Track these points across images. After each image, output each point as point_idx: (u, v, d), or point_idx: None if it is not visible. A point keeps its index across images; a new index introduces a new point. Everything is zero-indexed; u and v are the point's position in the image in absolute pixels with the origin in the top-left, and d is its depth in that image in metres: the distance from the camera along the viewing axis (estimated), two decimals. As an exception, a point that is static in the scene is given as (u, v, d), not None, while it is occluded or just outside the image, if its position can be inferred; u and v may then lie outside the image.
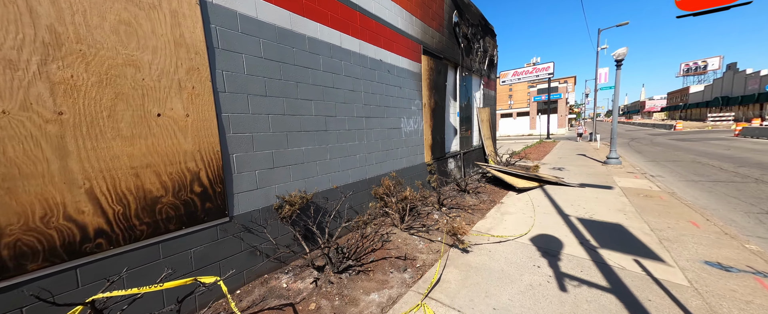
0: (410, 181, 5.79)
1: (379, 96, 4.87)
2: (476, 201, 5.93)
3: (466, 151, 8.70)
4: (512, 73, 25.26)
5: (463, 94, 8.40)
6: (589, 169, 9.53)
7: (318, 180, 3.70)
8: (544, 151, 16.35)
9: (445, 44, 7.12)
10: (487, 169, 7.52)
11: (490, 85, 10.90)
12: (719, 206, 5.31)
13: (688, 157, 11.36)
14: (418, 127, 6.04)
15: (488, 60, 10.12)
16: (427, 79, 6.27)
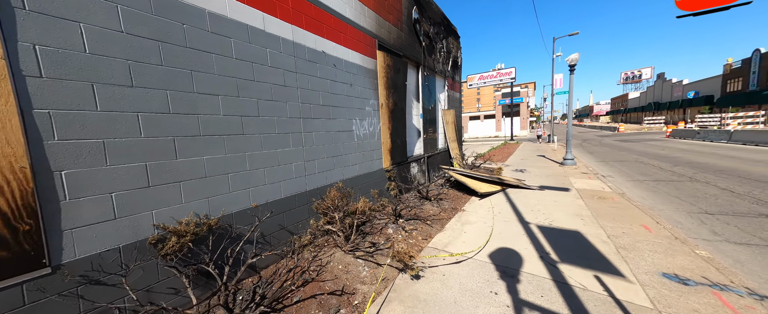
0: (365, 190, 5.10)
1: (323, 94, 4.13)
2: (437, 210, 5.41)
3: (431, 154, 8.25)
4: (478, 77, 25.92)
5: (426, 95, 7.95)
6: (548, 171, 9.62)
7: (231, 198, 2.86)
8: (508, 152, 16.69)
9: (405, 41, 6.58)
10: (450, 174, 7.10)
11: (455, 87, 10.66)
12: (664, 206, 5.34)
13: (631, 156, 12.11)
14: (374, 130, 5.39)
15: (452, 61, 9.85)
16: (384, 78, 5.66)
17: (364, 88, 5.08)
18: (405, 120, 6.58)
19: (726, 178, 7.04)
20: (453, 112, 10.13)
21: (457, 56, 10.50)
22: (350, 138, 4.73)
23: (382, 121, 5.63)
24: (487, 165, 10.97)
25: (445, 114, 9.44)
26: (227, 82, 2.81)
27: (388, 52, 5.83)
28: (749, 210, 4.73)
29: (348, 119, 4.67)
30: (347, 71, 4.62)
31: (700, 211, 4.89)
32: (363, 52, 5.01)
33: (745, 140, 14.01)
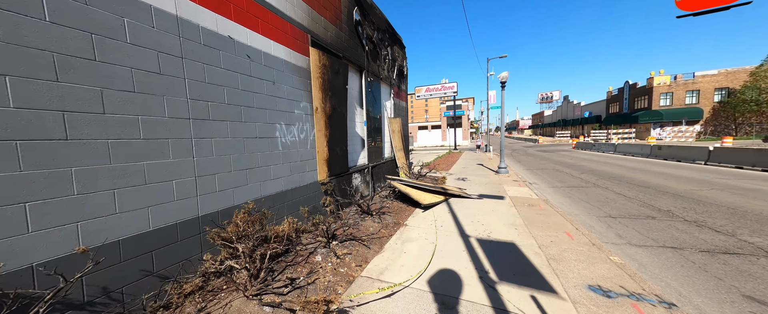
0: (293, 208, 4.25)
1: (232, 90, 3.23)
2: (378, 226, 4.86)
3: (376, 163, 7.77)
4: (425, 89, 27.17)
5: (371, 101, 7.50)
6: (486, 179, 10.11)
7: (44, 238, 1.77)
8: (452, 161, 17.48)
9: (346, 42, 6.04)
10: (395, 185, 6.70)
11: (401, 96, 10.56)
12: (579, 211, 5.83)
13: (549, 165, 13.80)
14: (306, 137, 4.62)
15: (397, 69, 9.72)
16: (319, 78, 4.96)
17: (293, 88, 4.31)
18: (346, 127, 5.97)
19: (618, 184, 8.29)
20: (399, 120, 9.95)
21: (403, 65, 10.46)
22: (272, 146, 3.87)
23: (317, 127, 4.89)
24: (432, 175, 11.06)
25: (391, 122, 9.16)
26: (36, 59, 1.77)
27: (325, 51, 5.19)
28: (639, 213, 5.42)
29: (269, 123, 3.82)
30: (268, 66, 3.80)
31: (606, 215, 5.42)
32: (291, 46, 4.25)
33: (625, 151, 17.47)
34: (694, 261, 3.39)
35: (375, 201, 6.43)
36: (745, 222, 4.48)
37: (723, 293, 2.77)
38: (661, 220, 4.88)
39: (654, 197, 6.36)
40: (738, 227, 4.25)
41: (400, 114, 10.40)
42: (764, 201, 5.45)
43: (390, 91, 9.37)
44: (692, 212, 5.14)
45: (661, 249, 3.79)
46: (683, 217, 4.92)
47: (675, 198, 6.18)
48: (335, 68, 5.47)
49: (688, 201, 5.88)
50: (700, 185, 7.18)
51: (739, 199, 5.71)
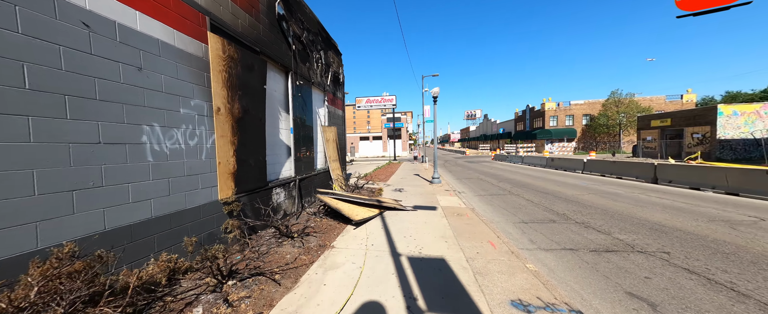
0: (172, 240, 3.10)
1: (43, 70, 2.08)
2: (298, 252, 4.04)
3: (306, 176, 6.89)
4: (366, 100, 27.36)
5: (299, 107, 6.68)
6: (421, 189, 10.28)
7: None
8: (391, 171, 17.62)
9: (266, 36, 5.18)
10: (325, 200, 5.96)
11: (337, 104, 10.00)
12: (499, 218, 6.24)
13: (475, 175, 15.23)
14: (199, 144, 3.55)
15: (332, 76, 9.17)
16: (223, 72, 3.98)
17: (177, 79, 3.26)
18: (264, 133, 5.01)
19: (527, 191, 9.48)
20: (335, 129, 9.32)
21: (339, 72, 9.98)
22: (136, 155, 2.74)
23: (219, 132, 3.86)
24: (370, 186, 10.68)
25: (325, 131, 8.44)
26: None
27: (235, 42, 4.25)
28: (544, 217, 6.09)
29: (131, 124, 2.70)
30: (130, 44, 2.72)
31: (520, 221, 5.89)
32: (176, 25, 3.24)
33: (530, 162, 20.87)
34: (588, 261, 3.76)
35: (300, 221, 5.56)
36: (615, 221, 5.45)
37: (611, 292, 3.03)
38: (560, 223, 5.53)
39: (552, 202, 7.37)
40: (611, 226, 5.10)
41: (336, 122, 9.79)
42: (623, 203, 6.88)
43: (324, 97, 8.71)
44: (580, 215, 6.04)
45: (563, 251, 4.14)
46: (575, 220, 5.70)
47: (567, 202, 7.28)
48: (248, 63, 4.56)
49: (575, 204, 6.97)
50: (582, 191, 8.78)
51: (608, 202, 7.08)
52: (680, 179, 8.45)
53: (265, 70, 5.08)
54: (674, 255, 3.74)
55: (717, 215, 5.36)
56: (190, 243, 3.19)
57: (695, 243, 4.09)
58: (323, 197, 6.11)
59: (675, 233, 4.59)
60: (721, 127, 17.11)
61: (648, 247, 4.08)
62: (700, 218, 5.25)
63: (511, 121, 51.79)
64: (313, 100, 7.70)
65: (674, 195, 7.28)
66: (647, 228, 4.91)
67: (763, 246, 3.82)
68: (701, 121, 18.34)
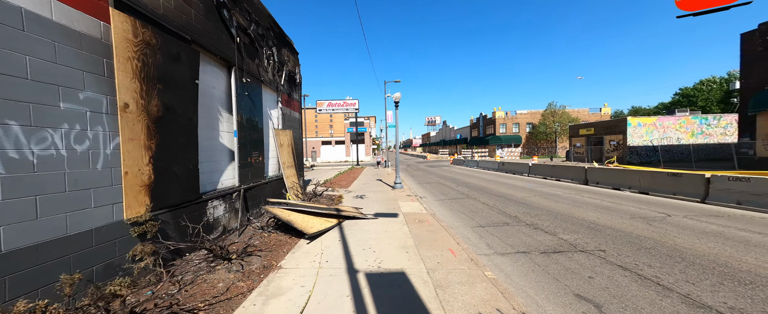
0: (33, 282, 2.26)
1: None
2: (235, 277, 3.40)
3: (254, 185, 6.10)
4: (327, 103, 26.50)
5: (246, 107, 5.91)
6: (383, 195, 10.06)
7: None
8: (353, 177, 17.14)
9: (200, 24, 4.43)
10: (274, 212, 5.28)
11: (293, 106, 9.28)
12: (458, 223, 6.30)
13: (435, 179, 15.65)
14: (90, 149, 2.73)
15: (288, 75, 8.47)
16: (135, 60, 3.20)
17: (56, 64, 2.45)
18: (195, 136, 4.22)
19: (483, 194, 9.93)
20: (290, 133, 8.59)
21: (295, 72, 9.30)
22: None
23: (126, 134, 3.05)
24: (330, 193, 10.10)
25: (278, 134, 7.69)
26: None
27: (152, 24, 3.48)
28: (498, 220, 6.32)
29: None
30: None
31: (478, 225, 6.01)
32: (55, -8, 2.44)
33: (484, 166, 22.37)
34: (539, 263, 3.88)
35: (242, 238, 4.82)
36: (558, 222, 5.89)
37: (562, 295, 3.10)
38: (513, 226, 5.77)
39: (505, 205, 7.78)
40: (556, 227, 5.48)
41: (292, 125, 9.06)
42: (563, 204, 7.57)
43: (277, 98, 7.97)
44: (529, 217, 6.42)
45: (517, 254, 4.24)
46: (525, 222, 6.02)
47: (517, 204, 7.75)
48: (173, 52, 3.79)
49: (524, 207, 7.45)
50: (529, 193, 9.52)
51: (551, 203, 7.73)
52: (605, 181, 9.72)
53: (197, 62, 4.32)
54: (609, 253, 4.06)
55: (635, 212, 6.16)
56: (69, 281, 2.37)
57: (623, 239, 4.55)
58: (272, 209, 5.43)
59: (607, 231, 5.07)
60: (630, 136, 20.59)
61: (587, 246, 4.40)
62: (624, 216, 5.96)
63: (467, 128, 55.39)
64: (264, 101, 6.95)
65: (602, 195, 8.29)
66: (585, 228, 5.36)
67: (673, 240, 4.41)
68: (616, 130, 21.84)
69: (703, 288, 2.99)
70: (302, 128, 10.38)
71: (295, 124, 9.47)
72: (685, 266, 3.51)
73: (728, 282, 3.07)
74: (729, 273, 3.26)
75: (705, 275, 3.24)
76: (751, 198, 5.81)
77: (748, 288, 2.93)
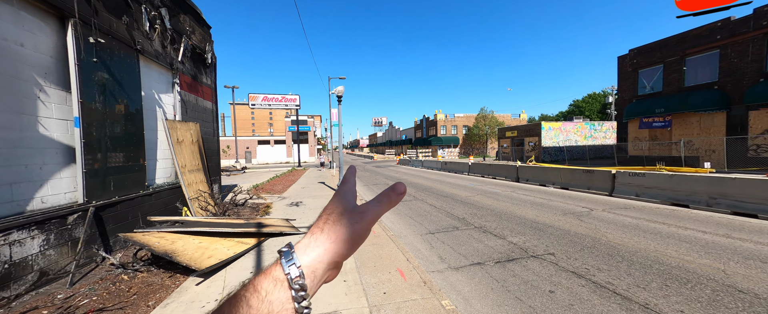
0: None
1: None
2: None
3: (120, 199, 4.13)
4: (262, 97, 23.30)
5: (100, 83, 3.93)
6: (324, 200, 8.79)
7: None
8: (292, 180, 15.18)
9: None
10: (144, 242, 3.53)
11: (202, 93, 7.20)
12: (406, 230, 5.62)
13: (382, 180, 15.05)
14: None
15: (191, 52, 6.43)
16: None
17: None
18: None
19: (430, 195, 9.63)
20: (196, 127, 6.56)
21: (205, 50, 7.23)
22: None
23: None
24: (256, 201, 8.28)
25: (174, 127, 5.67)
26: None
27: None
28: (448, 224, 5.86)
29: None
30: None
31: (427, 232, 5.41)
32: None
33: (429, 166, 23.01)
34: (496, 278, 3.39)
35: (75, 288, 3.00)
36: (503, 222, 5.75)
37: (528, 318, 2.55)
38: (463, 230, 5.35)
39: (452, 206, 7.51)
40: (503, 228, 5.28)
41: (200, 117, 6.99)
42: (503, 202, 7.71)
43: (172, 79, 5.92)
44: (476, 218, 6.17)
45: (472, 267, 3.70)
46: (474, 224, 5.69)
47: (463, 205, 7.56)
48: None
49: (470, 207, 7.30)
50: (472, 192, 9.64)
51: (493, 202, 7.81)
52: (533, 178, 10.59)
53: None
54: (558, 256, 3.85)
55: (565, 208, 6.53)
56: None
57: (565, 239, 4.50)
58: (144, 235, 3.67)
59: (548, 230, 5.04)
60: (543, 138, 24.10)
61: (537, 250, 4.15)
62: (557, 212, 6.20)
63: (411, 129, 57.51)
64: (145, 79, 4.93)
65: (533, 192, 8.86)
66: (529, 228, 5.26)
67: (605, 236, 4.55)
68: (533, 133, 25.30)
69: (655, 293, 2.84)
70: (216, 121, 8.27)
71: (206, 116, 7.39)
72: (627, 266, 3.44)
73: (671, 282, 3.01)
74: (665, 271, 3.27)
75: (649, 276, 3.17)
76: (645, 190, 6.76)
77: (689, 288, 2.88)
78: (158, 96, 5.48)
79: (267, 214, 6.71)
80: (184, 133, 6.11)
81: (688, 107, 14.07)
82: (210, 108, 7.64)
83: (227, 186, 12.55)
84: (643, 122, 16.19)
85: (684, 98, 14.36)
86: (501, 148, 30.00)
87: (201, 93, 7.09)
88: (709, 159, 13.39)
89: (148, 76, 5.12)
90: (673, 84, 15.24)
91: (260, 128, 68.08)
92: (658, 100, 15.55)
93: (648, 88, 16.60)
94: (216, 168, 7.91)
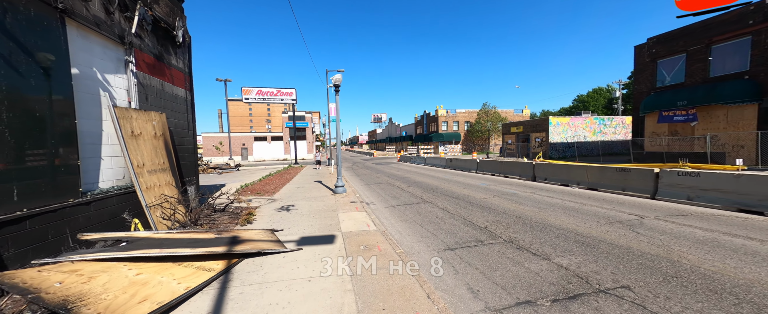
0: None
1: None
2: None
3: (25, 214, 2.96)
4: (256, 91, 22.00)
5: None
6: (320, 203, 7.66)
7: None
8: (286, 179, 14.02)
9: None
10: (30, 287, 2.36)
11: (171, 77, 5.99)
12: (419, 244, 4.51)
13: (384, 178, 13.90)
14: None
15: (152, 25, 5.20)
16: None
17: None
18: None
19: (439, 197, 8.47)
20: (161, 117, 5.37)
21: (174, 25, 5.99)
22: None
23: None
24: (241, 205, 7.12)
25: (125, 117, 4.49)
26: None
27: None
28: (469, 237, 4.71)
29: None
30: None
31: (445, 247, 4.29)
32: None
33: (432, 163, 21.88)
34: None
35: None
36: (537, 234, 4.63)
37: None
38: (489, 245, 4.24)
39: (468, 211, 6.38)
40: (541, 243, 4.17)
41: (169, 107, 5.80)
42: (528, 207, 6.54)
43: (125, 56, 4.71)
44: (502, 227, 5.04)
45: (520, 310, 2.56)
46: (501, 236, 4.58)
47: (480, 209, 6.42)
48: None
49: (489, 212, 6.17)
50: (486, 193, 8.52)
51: (515, 206, 6.66)
52: (553, 177, 9.48)
53: None
54: (638, 292, 2.75)
55: (607, 215, 5.41)
56: None
57: (631, 261, 3.40)
58: (40, 273, 2.52)
59: (601, 246, 3.93)
60: (551, 134, 22.98)
61: (601, 279, 3.04)
62: (599, 220, 5.09)
63: (412, 125, 56.29)
64: (77, 52, 3.72)
65: (557, 193, 7.75)
66: (574, 242, 4.16)
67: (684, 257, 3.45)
68: (540, 128, 24.16)
69: None
70: (192, 112, 7.06)
71: (178, 105, 6.19)
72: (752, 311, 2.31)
73: None
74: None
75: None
76: (700, 193, 5.65)
77: None
78: (102, 76, 4.27)
79: (249, 223, 5.57)
80: (142, 124, 4.92)
81: (714, 99, 12.91)
82: (183, 96, 6.43)
83: (212, 187, 11.38)
84: (663, 116, 15.04)
85: (710, 89, 13.19)
86: (505, 144, 28.87)
87: (169, 77, 5.87)
88: (738, 155, 12.31)
89: (84, 50, 3.91)
90: (697, 74, 14.06)
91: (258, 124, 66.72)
92: (680, 91, 14.38)
93: (668, 79, 15.43)
94: (191, 167, 6.74)
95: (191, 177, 6.63)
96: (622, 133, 24.03)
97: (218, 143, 30.30)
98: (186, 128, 6.53)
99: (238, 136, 33.93)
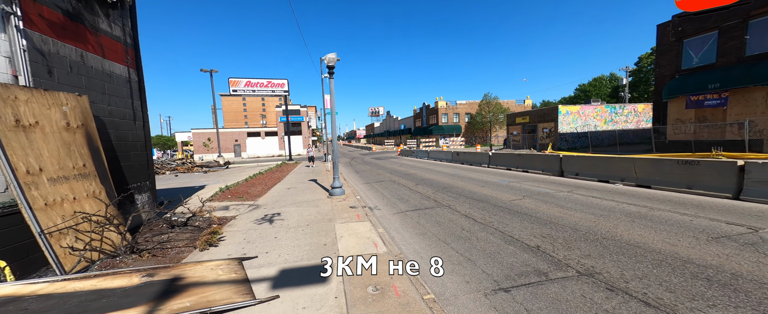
0: None
1: None
2: None
3: None
4: (245, 82, 20.12)
5: None
6: (313, 210, 6.14)
7: None
8: (277, 178, 12.44)
9: None
10: None
11: (100, 47, 4.32)
12: (453, 280, 3.04)
13: (386, 175, 12.38)
14: None
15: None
16: None
17: None
18: None
19: (456, 199, 6.97)
20: (81, 101, 3.74)
21: (98, -27, 4.26)
22: None
23: None
24: (215, 214, 5.54)
25: (2, 97, 2.85)
26: None
27: None
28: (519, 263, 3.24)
29: None
30: None
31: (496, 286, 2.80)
32: None
33: (436, 157, 20.37)
34: None
35: None
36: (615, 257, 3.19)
37: None
38: (559, 282, 2.80)
39: (501, 218, 4.89)
40: (641, 281, 2.70)
41: (99, 88, 4.16)
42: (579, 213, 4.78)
43: (4, 6, 3.03)
44: (561, 247, 3.57)
45: None
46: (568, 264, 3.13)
47: (517, 217, 4.91)
48: None
49: (530, 220, 4.67)
50: (513, 193, 6.96)
51: (560, 212, 4.97)
52: (586, 171, 8.04)
53: None
54: None
55: (697, 225, 3.96)
56: None
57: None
58: None
59: (739, 285, 2.48)
60: (560, 123, 21.53)
61: None
62: (697, 235, 3.63)
63: (410, 118, 54.57)
64: None
65: (601, 192, 6.30)
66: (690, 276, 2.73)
67: None
68: (548, 118, 22.69)
69: None
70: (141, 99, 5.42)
71: (114, 88, 4.54)
72: None
73: None
74: None
75: None
76: (814, 191, 4.19)
77: None
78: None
79: (211, 245, 4.02)
80: (40, 109, 3.29)
81: (753, 80, 11.44)
82: (122, 75, 4.76)
83: (188, 190, 9.77)
84: (691, 101, 13.58)
85: (747, 69, 11.71)
86: (510, 135, 27.39)
87: (95, 47, 4.20)
88: (779, 142, 10.97)
89: None
90: (731, 53, 12.54)
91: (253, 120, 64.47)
92: (711, 73, 12.88)
93: (696, 60, 13.90)
94: (142, 169, 5.13)
95: (141, 182, 5.03)
96: (634, 121, 22.66)
97: (206, 139, 28.47)
98: (130, 118, 4.90)
99: (229, 131, 32.04)
